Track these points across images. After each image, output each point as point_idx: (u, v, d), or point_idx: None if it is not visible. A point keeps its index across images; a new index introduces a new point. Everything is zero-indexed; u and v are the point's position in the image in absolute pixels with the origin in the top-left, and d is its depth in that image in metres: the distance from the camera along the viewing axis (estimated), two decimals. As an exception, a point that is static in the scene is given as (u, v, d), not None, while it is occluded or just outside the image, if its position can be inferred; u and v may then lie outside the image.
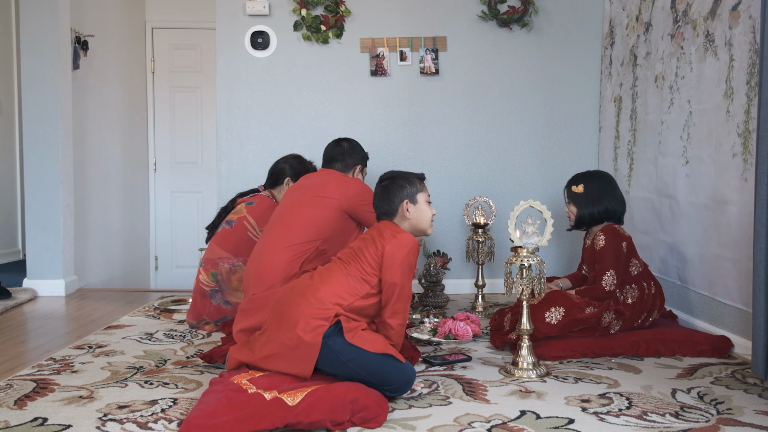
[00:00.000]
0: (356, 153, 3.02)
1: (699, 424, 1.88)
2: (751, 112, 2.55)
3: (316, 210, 2.68)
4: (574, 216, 2.90)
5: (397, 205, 2.30)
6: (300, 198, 2.76)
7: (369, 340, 2.05)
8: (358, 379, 2.01)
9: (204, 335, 2.96)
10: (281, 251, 2.61)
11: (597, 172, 3.00)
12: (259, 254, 2.68)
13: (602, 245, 2.75)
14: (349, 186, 2.77)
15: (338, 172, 2.91)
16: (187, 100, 5.68)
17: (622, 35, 3.75)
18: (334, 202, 2.70)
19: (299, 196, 2.78)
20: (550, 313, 2.60)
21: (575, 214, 2.90)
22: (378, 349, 2.03)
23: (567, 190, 2.94)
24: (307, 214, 2.68)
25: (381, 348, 2.04)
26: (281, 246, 2.62)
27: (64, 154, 4.03)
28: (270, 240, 2.68)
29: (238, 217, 3.16)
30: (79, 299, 3.91)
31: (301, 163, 3.36)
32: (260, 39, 4.02)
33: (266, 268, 2.61)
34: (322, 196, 2.72)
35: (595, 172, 2.98)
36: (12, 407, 2.01)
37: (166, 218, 5.72)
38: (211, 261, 3.09)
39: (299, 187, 2.85)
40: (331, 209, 2.69)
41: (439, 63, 4.01)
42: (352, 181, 2.84)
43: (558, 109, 4.08)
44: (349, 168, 2.99)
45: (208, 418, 1.78)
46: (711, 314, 2.86)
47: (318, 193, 2.74)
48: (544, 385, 2.24)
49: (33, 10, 3.94)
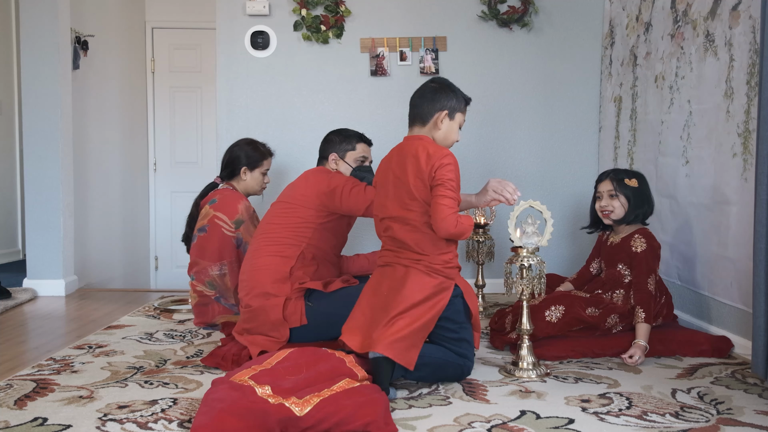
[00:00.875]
0: (332, 142, 2.88)
1: (699, 424, 1.87)
2: (751, 112, 2.55)
3: (288, 219, 2.65)
4: (620, 210, 2.73)
5: (435, 112, 2.27)
6: (277, 205, 2.74)
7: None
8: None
9: (204, 335, 2.96)
10: (266, 258, 2.61)
11: (635, 171, 2.83)
12: (249, 258, 2.68)
13: (644, 248, 2.65)
14: (308, 182, 2.71)
15: (310, 171, 2.83)
16: (187, 100, 5.68)
17: (622, 35, 3.75)
18: (299, 203, 2.65)
19: (281, 200, 2.75)
20: (550, 312, 2.59)
21: (625, 207, 2.72)
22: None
23: (616, 183, 2.73)
24: (281, 224, 2.66)
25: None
26: (265, 253, 2.62)
27: (64, 154, 4.03)
28: (256, 245, 2.68)
29: (208, 220, 3.10)
30: (79, 299, 3.91)
31: (256, 149, 3.26)
32: (260, 39, 4.02)
33: (255, 275, 2.61)
34: (290, 203, 2.69)
35: (635, 171, 2.82)
36: (12, 407, 2.01)
37: (166, 218, 5.72)
38: (201, 272, 3.08)
39: (284, 193, 2.80)
40: (306, 210, 2.65)
41: (439, 63, 4.01)
42: (311, 174, 2.76)
43: (558, 109, 4.08)
44: (324, 161, 2.89)
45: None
46: (711, 314, 2.86)
47: (288, 198, 2.71)
48: (544, 385, 2.24)
49: (33, 10, 3.94)
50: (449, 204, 2.15)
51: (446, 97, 2.28)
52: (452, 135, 2.32)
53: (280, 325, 2.52)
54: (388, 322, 2.13)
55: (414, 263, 2.21)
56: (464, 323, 2.26)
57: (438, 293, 2.18)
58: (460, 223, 2.15)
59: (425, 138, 2.28)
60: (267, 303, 2.54)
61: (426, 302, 2.16)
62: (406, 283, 2.18)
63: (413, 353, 2.11)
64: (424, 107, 2.28)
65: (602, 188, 2.78)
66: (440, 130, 2.29)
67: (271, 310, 2.52)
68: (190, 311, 3.42)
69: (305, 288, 2.56)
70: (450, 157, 2.20)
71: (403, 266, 2.23)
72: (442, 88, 2.30)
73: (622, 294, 2.70)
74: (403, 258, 2.24)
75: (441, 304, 2.18)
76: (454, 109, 2.30)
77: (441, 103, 2.27)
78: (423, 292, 2.17)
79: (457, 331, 2.24)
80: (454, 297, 2.22)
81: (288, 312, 2.53)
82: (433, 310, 2.17)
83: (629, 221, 2.74)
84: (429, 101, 2.28)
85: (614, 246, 2.78)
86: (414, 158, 2.22)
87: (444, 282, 2.21)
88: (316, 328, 2.52)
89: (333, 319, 2.40)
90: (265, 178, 3.31)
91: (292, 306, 2.53)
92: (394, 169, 2.29)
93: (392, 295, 2.19)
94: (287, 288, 2.55)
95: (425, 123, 2.30)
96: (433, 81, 2.34)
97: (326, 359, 2.14)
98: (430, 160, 2.19)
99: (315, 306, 2.53)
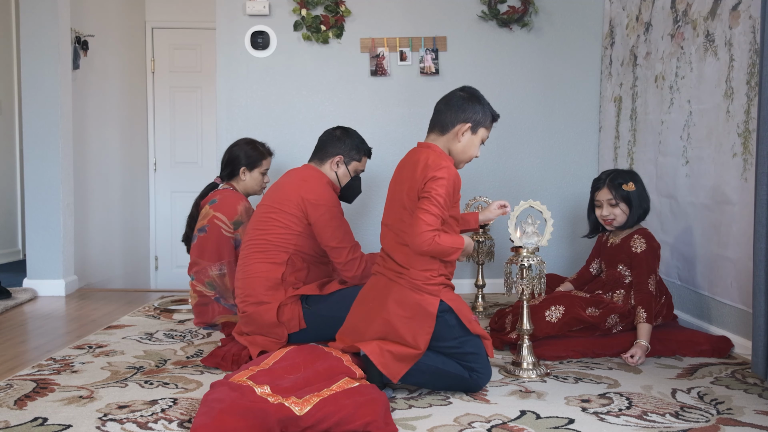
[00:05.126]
0: (343, 142, 2.74)
1: (699, 424, 1.87)
2: (751, 112, 2.55)
3: (272, 225, 2.60)
4: (621, 217, 2.70)
5: (458, 122, 2.16)
6: (261, 209, 2.68)
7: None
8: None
9: (204, 335, 2.96)
10: (257, 265, 2.59)
11: (627, 170, 2.80)
12: (241, 266, 2.66)
13: (644, 249, 2.64)
14: (302, 187, 2.61)
15: (304, 170, 2.73)
16: (187, 100, 5.68)
17: (622, 35, 3.75)
18: (286, 210, 2.59)
19: (264, 203, 2.69)
20: (550, 312, 2.59)
21: (626, 213, 2.69)
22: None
23: (614, 191, 2.68)
24: (266, 230, 2.61)
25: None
26: (255, 260, 2.60)
27: (64, 154, 4.03)
28: (246, 252, 2.65)
29: (208, 220, 3.09)
30: (79, 299, 3.90)
31: (255, 149, 3.24)
32: (260, 39, 4.02)
33: (248, 283, 2.59)
34: (276, 208, 2.61)
35: (627, 170, 2.78)
36: (12, 407, 2.01)
37: (166, 218, 5.72)
38: (201, 272, 3.08)
39: (267, 194, 2.72)
40: (289, 217, 2.59)
41: (439, 63, 4.01)
42: (311, 180, 2.65)
43: (558, 109, 4.08)
44: (327, 158, 2.73)
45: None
46: (711, 314, 2.86)
47: (273, 202, 2.64)
48: (544, 385, 2.24)
49: (33, 10, 3.94)
50: (429, 220, 2.02)
51: (472, 109, 2.17)
52: (471, 150, 2.21)
53: (277, 327, 2.51)
54: (374, 335, 2.12)
55: (397, 277, 2.14)
56: (462, 337, 2.14)
57: (422, 314, 2.09)
58: (436, 242, 2.01)
59: (433, 147, 2.18)
60: (261, 308, 2.54)
61: (410, 321, 2.09)
62: (388, 298, 2.12)
63: (400, 367, 2.07)
64: (448, 115, 2.18)
65: (601, 197, 2.75)
66: (460, 142, 2.18)
67: (265, 313, 2.52)
68: (190, 311, 3.42)
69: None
70: (446, 171, 2.08)
71: (387, 278, 2.17)
72: (471, 98, 2.19)
73: (622, 294, 2.70)
74: (388, 270, 2.18)
75: (429, 332, 2.09)
76: (479, 123, 2.19)
77: (466, 115, 2.16)
78: (405, 309, 2.10)
79: (457, 346, 2.13)
80: (441, 312, 2.10)
81: (286, 317, 2.51)
82: (422, 338, 2.08)
83: (632, 224, 2.73)
84: (454, 110, 2.17)
85: (614, 247, 2.78)
86: (414, 166, 2.14)
87: (426, 299, 2.10)
88: (315, 330, 2.51)
89: (331, 322, 2.39)
90: (265, 177, 3.31)
91: (289, 311, 2.52)
92: (397, 174, 2.24)
93: (376, 309, 2.15)
94: (281, 294, 2.54)
95: (444, 132, 2.19)
96: (463, 90, 2.23)
97: (324, 358, 2.14)
98: (425, 170, 2.09)
99: (313, 309, 2.53)
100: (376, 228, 3.97)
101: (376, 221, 3.97)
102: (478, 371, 2.14)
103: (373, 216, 4.05)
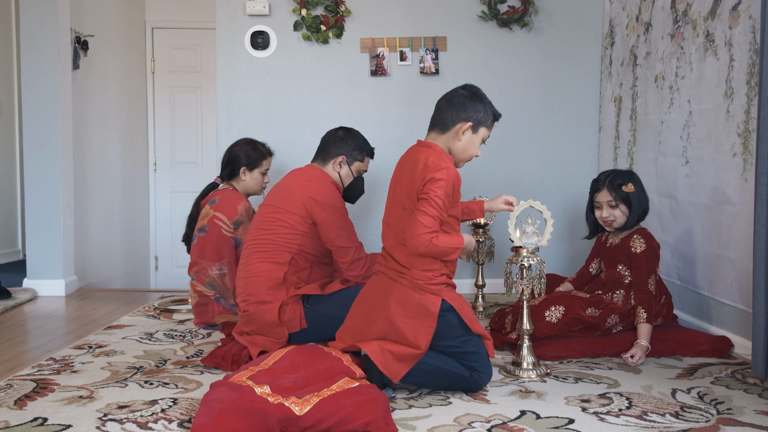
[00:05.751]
0: (345, 143, 2.74)
1: (699, 424, 1.87)
2: (751, 112, 2.55)
3: (275, 225, 2.60)
4: (621, 218, 2.70)
5: (459, 121, 2.14)
6: (264, 209, 2.68)
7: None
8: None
9: (204, 335, 2.96)
10: (259, 264, 2.59)
11: (626, 171, 2.78)
12: (243, 265, 2.66)
13: (644, 249, 2.64)
14: (307, 188, 2.61)
15: (308, 170, 2.73)
16: (187, 100, 5.68)
17: (622, 35, 3.75)
18: (291, 210, 2.59)
19: (268, 203, 2.69)
20: (550, 312, 2.59)
21: (626, 214, 2.69)
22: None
23: (614, 193, 2.67)
24: (269, 230, 2.61)
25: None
26: (258, 260, 2.60)
27: (64, 154, 4.03)
28: (248, 252, 2.65)
29: (208, 220, 3.09)
30: (79, 299, 3.90)
31: (255, 149, 3.24)
32: (260, 39, 4.02)
33: (250, 282, 2.59)
34: (280, 208, 2.61)
35: (626, 171, 2.78)
36: (12, 407, 2.01)
37: (166, 218, 5.72)
38: (201, 272, 3.08)
39: (270, 194, 2.72)
40: (293, 217, 2.58)
41: (439, 63, 4.01)
42: (315, 180, 2.65)
43: (558, 109, 4.08)
44: (330, 158, 2.74)
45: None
46: (711, 314, 2.86)
47: (277, 202, 2.64)
48: (544, 385, 2.24)
49: (33, 10, 3.94)
50: (427, 222, 2.02)
51: (474, 108, 2.15)
52: (471, 149, 2.20)
53: (278, 326, 2.51)
54: (375, 334, 2.12)
55: (398, 276, 2.14)
56: (463, 336, 2.14)
57: (424, 314, 2.10)
58: (434, 244, 2.02)
59: (433, 146, 2.17)
60: (262, 308, 2.54)
61: (412, 320, 2.09)
62: (390, 297, 2.12)
63: (401, 367, 2.07)
64: (449, 113, 2.16)
65: (601, 198, 2.75)
66: (460, 141, 2.17)
67: (266, 313, 2.52)
68: (190, 311, 3.42)
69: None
70: (445, 172, 2.07)
71: (387, 277, 2.17)
72: (473, 97, 2.17)
73: (622, 294, 2.70)
74: (389, 269, 2.18)
75: (430, 331, 2.09)
76: (480, 122, 2.17)
77: (467, 113, 2.15)
78: (407, 308, 2.10)
79: (458, 345, 2.14)
80: (443, 311, 2.11)
81: (287, 317, 2.51)
82: (423, 338, 2.08)
83: (632, 225, 2.73)
84: (455, 109, 2.15)
85: (614, 247, 2.78)
86: (413, 166, 2.13)
87: (428, 299, 2.10)
88: (316, 330, 2.51)
89: (332, 322, 2.39)
90: (265, 178, 3.31)
91: (291, 311, 2.52)
92: (397, 173, 2.24)
93: (377, 309, 2.15)
94: (282, 294, 2.54)
95: (445, 131, 2.18)
96: (465, 88, 2.21)
97: (324, 358, 2.14)
98: (425, 171, 2.07)
99: (314, 309, 2.53)
100: (377, 227, 3.97)
101: (377, 220, 3.98)
102: (479, 371, 2.14)
103: (373, 215, 4.05)
